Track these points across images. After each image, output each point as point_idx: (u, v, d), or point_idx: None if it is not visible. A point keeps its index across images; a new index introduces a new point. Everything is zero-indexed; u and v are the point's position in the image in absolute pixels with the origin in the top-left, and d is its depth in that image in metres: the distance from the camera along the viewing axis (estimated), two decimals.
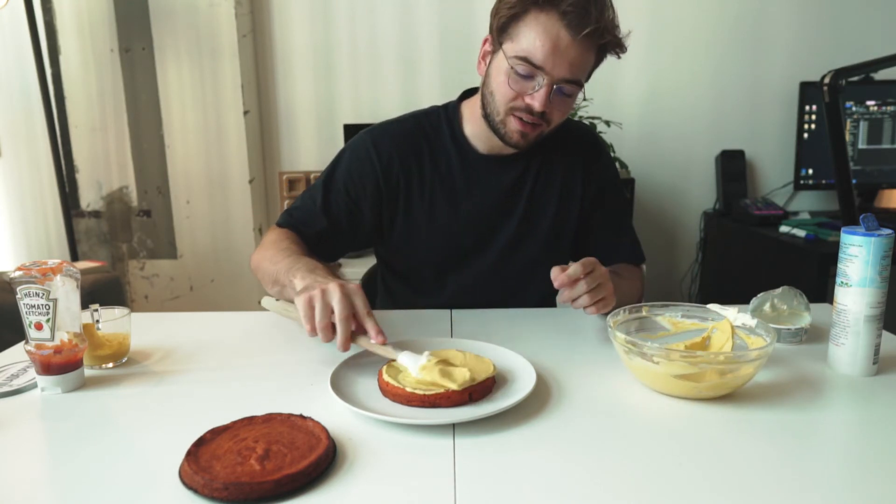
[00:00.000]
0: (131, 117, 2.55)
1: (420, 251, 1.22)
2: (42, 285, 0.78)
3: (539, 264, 1.23)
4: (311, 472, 0.60)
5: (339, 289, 0.84)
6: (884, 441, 0.69)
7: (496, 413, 0.72)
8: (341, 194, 1.18)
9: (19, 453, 0.69)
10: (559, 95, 1.03)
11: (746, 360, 0.76)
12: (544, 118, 1.06)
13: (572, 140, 1.22)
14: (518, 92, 1.03)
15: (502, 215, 1.20)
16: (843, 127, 1.46)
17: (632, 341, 0.79)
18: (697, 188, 2.63)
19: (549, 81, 1.00)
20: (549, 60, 0.99)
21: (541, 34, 0.98)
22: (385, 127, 1.21)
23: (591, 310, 0.95)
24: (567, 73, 1.00)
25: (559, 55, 0.99)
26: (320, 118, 2.61)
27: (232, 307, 2.62)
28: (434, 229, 1.20)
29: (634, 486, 0.60)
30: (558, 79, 1.00)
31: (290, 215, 1.19)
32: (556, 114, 1.06)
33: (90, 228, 2.67)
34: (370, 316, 0.86)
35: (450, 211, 1.19)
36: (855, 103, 2.38)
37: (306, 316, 0.83)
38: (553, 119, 1.07)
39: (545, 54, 0.98)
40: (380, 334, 0.85)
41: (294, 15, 2.54)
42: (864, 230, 0.82)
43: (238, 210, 2.59)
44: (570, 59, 0.99)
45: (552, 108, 1.04)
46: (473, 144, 1.18)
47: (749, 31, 2.49)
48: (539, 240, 1.22)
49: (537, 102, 1.02)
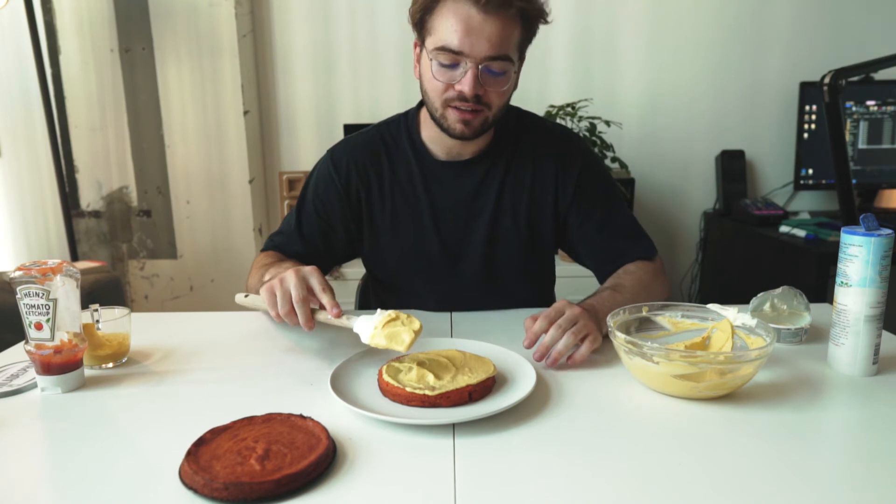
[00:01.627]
0: (131, 117, 2.55)
1: (389, 260, 1.22)
2: (42, 285, 0.78)
3: (524, 268, 1.22)
4: (311, 472, 0.60)
5: (294, 273, 0.88)
6: (884, 441, 0.69)
7: (496, 413, 0.72)
8: (312, 216, 1.20)
9: (19, 453, 0.69)
10: (490, 75, 1.01)
11: (746, 360, 0.76)
12: (482, 102, 1.03)
13: (544, 142, 1.18)
14: (446, 82, 1.02)
15: (468, 220, 1.18)
16: (843, 127, 1.46)
17: (632, 341, 0.79)
18: (697, 188, 2.63)
19: (473, 64, 0.98)
20: (466, 43, 0.97)
21: (451, 19, 0.97)
22: (345, 141, 1.22)
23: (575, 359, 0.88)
24: (489, 51, 0.98)
25: (475, 35, 0.97)
26: (320, 118, 2.61)
27: (232, 307, 2.61)
28: (398, 237, 1.19)
29: (634, 486, 0.60)
30: (481, 58, 0.98)
31: (272, 240, 1.24)
32: (492, 95, 1.03)
33: (90, 228, 2.67)
34: (325, 291, 0.88)
35: (412, 218, 1.18)
36: (855, 103, 2.38)
37: (270, 303, 0.88)
38: (492, 101, 1.04)
39: (461, 38, 0.97)
40: (335, 307, 0.88)
41: (294, 15, 2.54)
42: (864, 230, 0.82)
43: (238, 210, 2.59)
44: (487, 36, 0.97)
45: (486, 91, 1.02)
46: (431, 150, 1.17)
47: (749, 31, 2.49)
48: (515, 243, 1.19)
49: (466, 87, 1.00)
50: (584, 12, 2.49)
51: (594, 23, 2.50)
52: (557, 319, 0.90)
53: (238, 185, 2.56)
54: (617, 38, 2.52)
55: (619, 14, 2.50)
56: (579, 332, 0.89)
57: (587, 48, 2.52)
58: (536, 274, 1.27)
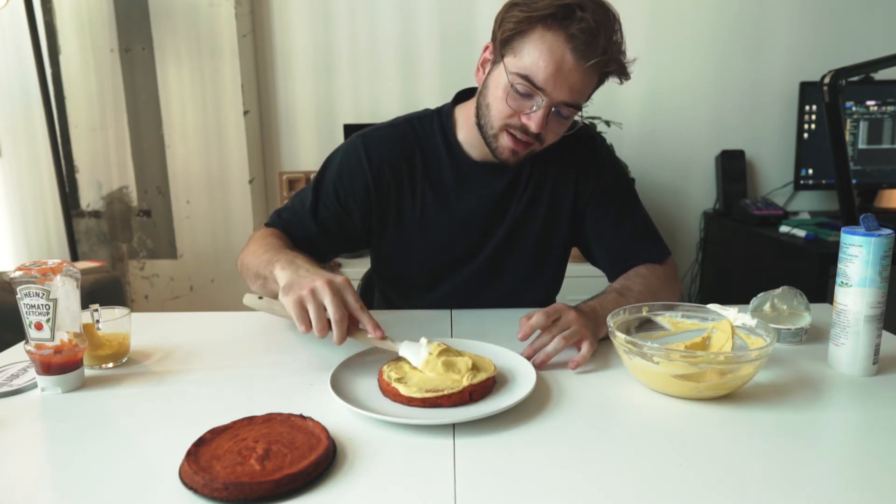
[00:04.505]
0: (131, 117, 2.55)
1: (411, 258, 1.20)
2: (42, 285, 0.78)
3: (530, 272, 1.22)
4: (312, 472, 0.60)
5: (329, 287, 0.83)
6: (884, 441, 0.69)
7: (496, 413, 0.72)
8: (331, 199, 1.15)
9: (19, 453, 0.69)
10: (556, 117, 1.01)
11: (746, 360, 0.76)
12: (538, 138, 1.03)
13: (568, 147, 1.16)
14: (515, 110, 1.00)
15: (493, 222, 1.18)
16: (843, 127, 1.46)
17: (632, 341, 0.79)
18: (697, 188, 2.63)
19: (547, 103, 0.97)
20: (551, 82, 0.95)
21: (545, 54, 0.95)
22: (378, 131, 1.18)
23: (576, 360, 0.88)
24: (567, 97, 0.98)
25: (561, 78, 0.95)
26: (320, 118, 2.61)
27: (232, 307, 2.61)
28: (426, 236, 1.18)
29: (634, 486, 0.60)
30: (558, 101, 0.98)
31: (279, 216, 1.18)
32: (550, 135, 1.04)
33: (90, 228, 2.67)
34: (364, 310, 0.85)
35: (442, 218, 1.17)
36: (855, 103, 2.38)
37: (300, 318, 0.82)
38: (547, 139, 1.05)
39: (547, 76, 0.95)
40: (377, 329, 0.85)
41: (294, 15, 2.54)
42: (864, 230, 0.82)
43: (238, 210, 2.59)
44: (572, 84, 0.96)
45: (547, 130, 1.02)
46: (466, 150, 1.15)
47: (749, 32, 2.49)
48: (528, 247, 1.19)
49: (534, 124, 0.99)
50: None
51: None
52: (553, 318, 0.90)
53: (238, 185, 2.56)
54: None
55: (619, 14, 2.49)
56: (571, 338, 0.88)
57: None
58: (543, 278, 1.25)
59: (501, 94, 1.00)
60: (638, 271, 1.14)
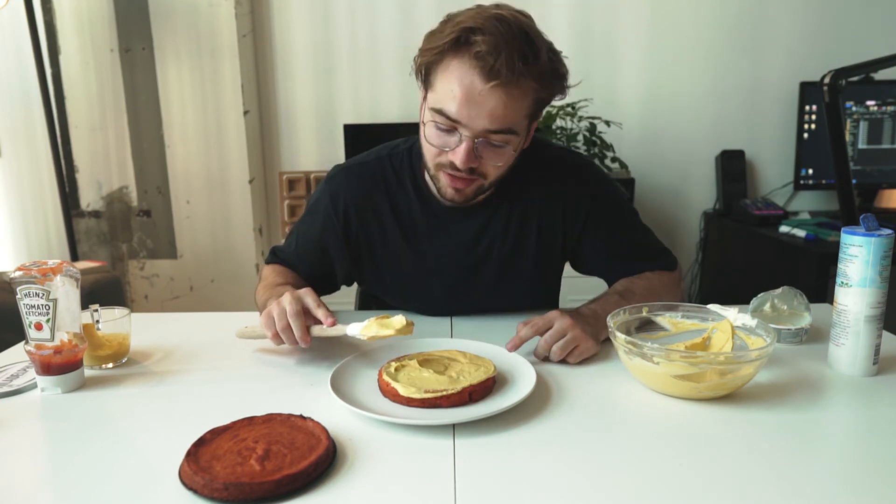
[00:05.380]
0: (131, 117, 2.55)
1: (393, 296, 1.18)
2: (42, 285, 0.78)
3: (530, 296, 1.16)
4: (311, 473, 0.60)
5: (289, 293, 0.90)
6: (884, 441, 0.69)
7: (496, 413, 0.72)
8: (311, 244, 1.15)
9: (19, 453, 0.69)
10: (489, 147, 0.92)
11: (746, 361, 0.76)
12: (476, 173, 0.95)
13: (551, 175, 1.09)
14: (440, 147, 0.94)
15: (476, 263, 1.11)
16: (843, 127, 1.46)
17: (632, 341, 0.79)
18: (697, 188, 2.63)
19: (469, 135, 0.90)
20: (464, 113, 0.88)
21: (453, 83, 0.87)
22: (347, 169, 1.13)
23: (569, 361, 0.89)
24: (489, 125, 0.89)
25: (476, 106, 0.87)
26: (320, 118, 2.61)
27: (232, 307, 2.62)
28: (400, 277, 1.14)
29: (634, 486, 0.60)
30: (479, 131, 0.90)
31: (275, 255, 1.20)
32: (489, 168, 0.95)
33: (90, 228, 2.67)
34: (320, 307, 0.90)
35: (415, 260, 1.11)
36: (855, 103, 2.38)
37: (266, 325, 0.89)
38: (488, 172, 0.96)
39: (459, 106, 0.88)
40: (329, 317, 0.88)
41: (294, 15, 2.54)
42: (864, 230, 0.82)
43: (238, 210, 2.59)
44: (491, 109, 0.87)
45: (482, 163, 0.94)
46: (435, 193, 1.06)
47: (749, 32, 2.49)
48: (524, 281, 1.13)
49: (458, 160, 0.91)
50: (584, 12, 2.49)
51: (594, 23, 2.50)
52: (546, 329, 0.89)
53: (238, 185, 2.56)
54: (617, 39, 2.52)
55: (619, 14, 2.50)
56: (566, 347, 0.88)
57: (587, 48, 2.52)
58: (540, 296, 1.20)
59: (426, 133, 0.95)
60: (643, 275, 1.13)
